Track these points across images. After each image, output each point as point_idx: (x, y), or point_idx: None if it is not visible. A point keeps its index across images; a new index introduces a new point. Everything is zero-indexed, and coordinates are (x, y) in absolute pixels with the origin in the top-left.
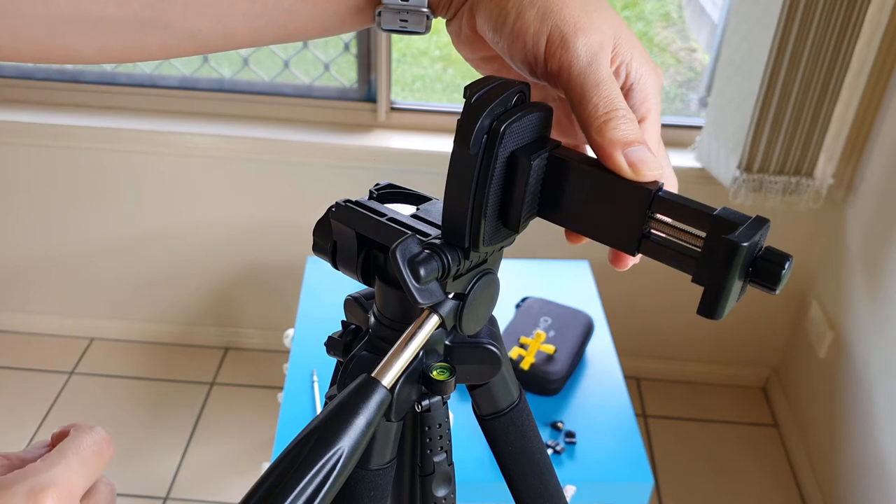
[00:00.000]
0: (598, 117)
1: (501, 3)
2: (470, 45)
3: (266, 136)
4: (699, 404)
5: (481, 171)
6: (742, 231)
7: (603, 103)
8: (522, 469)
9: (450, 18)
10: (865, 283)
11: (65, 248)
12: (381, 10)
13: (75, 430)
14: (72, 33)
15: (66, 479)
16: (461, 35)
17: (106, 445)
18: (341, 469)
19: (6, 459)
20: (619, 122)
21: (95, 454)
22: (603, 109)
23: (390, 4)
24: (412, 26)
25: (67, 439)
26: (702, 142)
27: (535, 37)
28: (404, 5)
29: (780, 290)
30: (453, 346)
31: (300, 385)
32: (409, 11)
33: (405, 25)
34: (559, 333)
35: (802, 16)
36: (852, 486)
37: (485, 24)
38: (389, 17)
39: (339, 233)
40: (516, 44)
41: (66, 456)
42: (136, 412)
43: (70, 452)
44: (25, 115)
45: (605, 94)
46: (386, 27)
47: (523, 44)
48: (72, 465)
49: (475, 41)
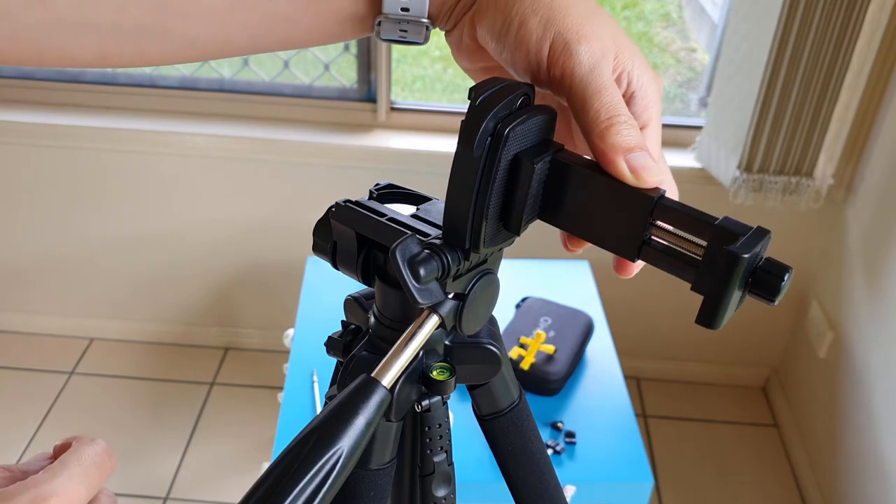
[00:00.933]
0: (601, 122)
1: (505, 13)
2: (470, 55)
3: (266, 136)
4: (699, 404)
5: (484, 172)
6: (743, 242)
7: (605, 109)
8: (522, 469)
9: (449, 29)
10: (865, 283)
11: (65, 248)
12: (382, 20)
13: (77, 441)
14: (71, 38)
15: (69, 490)
16: (461, 45)
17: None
18: (341, 469)
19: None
20: (621, 127)
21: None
22: (605, 115)
23: (391, 15)
24: (411, 36)
25: (69, 451)
26: (702, 142)
27: (539, 44)
28: (404, 16)
29: (778, 302)
30: (453, 346)
31: (300, 385)
32: (409, 22)
33: (404, 35)
34: (559, 333)
35: (802, 16)
36: (852, 486)
37: (487, 34)
38: (389, 27)
39: (339, 233)
40: (519, 52)
41: (69, 467)
42: (136, 412)
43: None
44: (25, 115)
45: (607, 100)
46: (385, 37)
47: (526, 52)
48: (74, 476)
49: (475, 51)
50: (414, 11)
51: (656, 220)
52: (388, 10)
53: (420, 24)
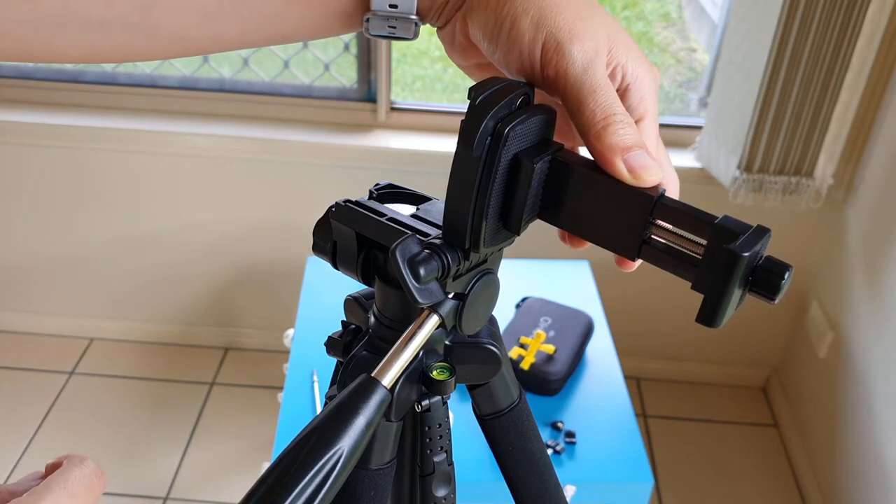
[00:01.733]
0: (596, 123)
1: (496, 12)
2: (463, 52)
3: (266, 136)
4: (699, 404)
5: (484, 172)
6: (743, 241)
7: (600, 109)
8: (522, 469)
9: (441, 26)
10: (865, 283)
11: (65, 248)
12: (370, 17)
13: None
14: (58, 33)
15: None
16: (454, 43)
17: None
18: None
19: None
20: (617, 127)
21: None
22: (601, 115)
23: (379, 11)
24: (400, 32)
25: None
26: (702, 142)
27: (531, 45)
28: (392, 12)
29: (778, 300)
30: (453, 346)
31: (300, 385)
32: (397, 18)
33: (393, 31)
34: (559, 333)
35: (802, 16)
36: (852, 486)
37: (479, 33)
38: (378, 23)
39: (339, 233)
40: (512, 52)
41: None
42: (136, 412)
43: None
44: (25, 115)
45: (601, 99)
46: (374, 33)
47: (519, 52)
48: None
49: (468, 49)
50: (402, 8)
51: (656, 219)
52: (375, 6)
53: (409, 20)
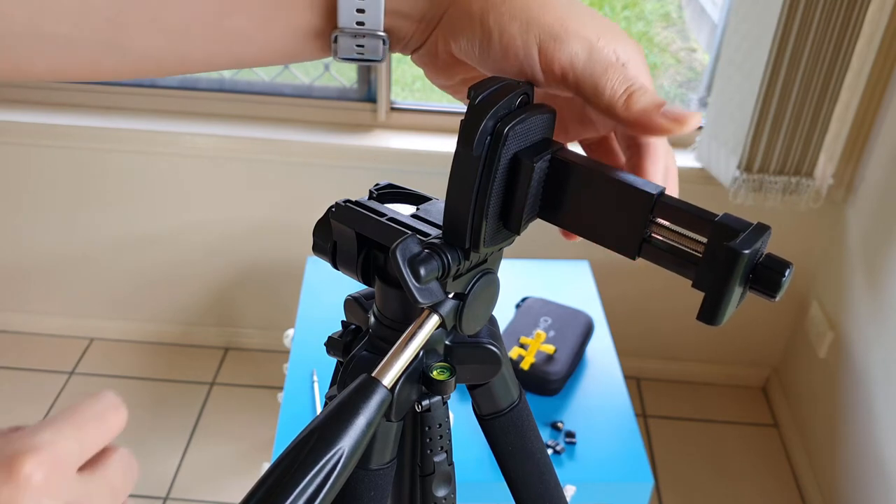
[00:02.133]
0: (621, 97)
1: (482, 24)
2: (448, 70)
3: (266, 136)
4: (699, 404)
5: (484, 172)
6: (743, 238)
7: (619, 83)
8: (522, 469)
9: (415, 48)
10: (865, 283)
11: (65, 248)
12: (338, 35)
13: None
14: (24, 49)
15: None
16: (437, 62)
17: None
18: (342, 469)
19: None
20: (641, 92)
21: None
22: (621, 88)
23: (346, 28)
24: (368, 53)
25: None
26: (702, 142)
27: (525, 48)
28: (360, 29)
29: (779, 298)
30: (453, 345)
31: (300, 385)
32: (364, 36)
33: (361, 52)
34: (559, 333)
35: (802, 16)
36: (852, 486)
37: (468, 47)
38: (345, 43)
39: (339, 233)
40: (507, 59)
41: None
42: (136, 412)
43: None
44: (25, 115)
45: (616, 75)
46: (342, 56)
47: (514, 57)
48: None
49: (454, 66)
50: (370, 24)
51: (656, 217)
52: (343, 22)
53: (377, 37)
